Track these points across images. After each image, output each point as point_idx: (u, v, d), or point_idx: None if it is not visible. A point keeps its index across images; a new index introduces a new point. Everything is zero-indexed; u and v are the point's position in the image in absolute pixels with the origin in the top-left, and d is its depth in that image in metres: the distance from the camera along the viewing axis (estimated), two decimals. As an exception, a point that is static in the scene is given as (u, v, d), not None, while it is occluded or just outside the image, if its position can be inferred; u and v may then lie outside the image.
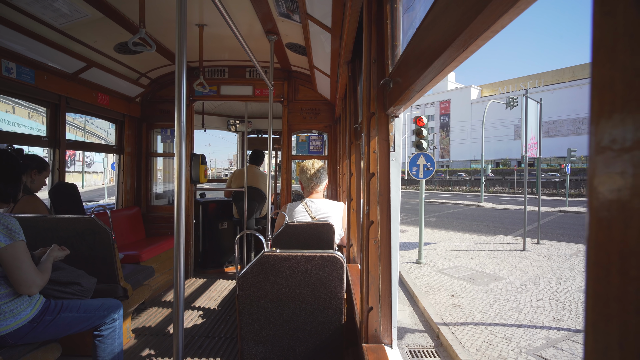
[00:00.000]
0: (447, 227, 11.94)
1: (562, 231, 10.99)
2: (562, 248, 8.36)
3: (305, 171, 2.53)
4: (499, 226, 12.10)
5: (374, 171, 1.20)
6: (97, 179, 35.21)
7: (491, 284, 5.60)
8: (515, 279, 5.85)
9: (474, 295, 5.07)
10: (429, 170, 6.53)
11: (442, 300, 4.86)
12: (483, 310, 4.51)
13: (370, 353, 1.17)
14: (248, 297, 1.46)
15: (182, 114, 0.97)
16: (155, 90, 4.30)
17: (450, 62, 0.60)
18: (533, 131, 8.69)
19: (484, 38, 0.50)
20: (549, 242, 9.00)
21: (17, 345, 1.69)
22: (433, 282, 5.69)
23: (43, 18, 2.48)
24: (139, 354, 2.57)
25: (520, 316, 4.32)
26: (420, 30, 0.75)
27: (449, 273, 6.21)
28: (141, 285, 2.88)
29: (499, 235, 10.21)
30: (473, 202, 21.79)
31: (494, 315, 4.35)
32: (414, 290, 5.26)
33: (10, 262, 1.55)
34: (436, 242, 9.10)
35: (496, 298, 4.96)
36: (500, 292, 5.19)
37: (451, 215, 15.41)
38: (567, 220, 13.84)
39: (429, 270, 6.45)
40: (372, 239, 1.21)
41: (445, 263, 6.92)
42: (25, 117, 18.90)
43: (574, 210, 16.96)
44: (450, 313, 4.42)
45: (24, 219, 2.16)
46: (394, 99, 1.04)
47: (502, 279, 5.86)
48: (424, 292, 5.18)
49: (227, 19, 1.48)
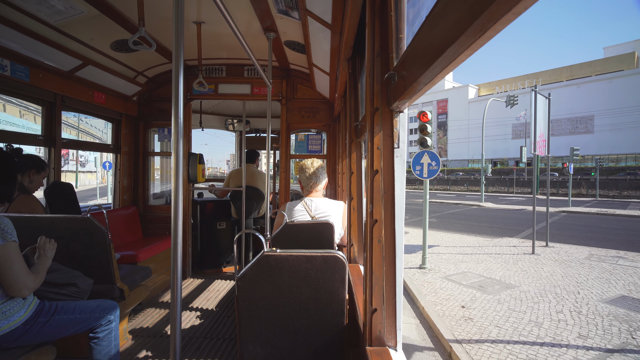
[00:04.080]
0: (449, 228, 11.67)
1: (569, 233, 10.71)
2: (573, 251, 8.00)
3: (305, 170, 2.50)
4: (502, 227, 11.86)
5: (377, 168, 1.17)
6: (92, 179, 34.93)
7: (503, 292, 5.24)
8: (528, 286, 5.48)
9: (486, 306, 4.69)
10: (434, 169, 6.13)
11: (452, 312, 4.50)
12: (499, 325, 4.10)
13: (374, 356, 1.14)
14: (247, 298, 1.43)
15: (179, 113, 0.94)
16: (152, 89, 4.25)
17: (463, 51, 0.57)
18: (542, 128, 8.20)
19: (501, 24, 0.47)
20: (557, 245, 8.64)
21: (10, 348, 1.65)
22: (440, 291, 5.33)
23: (38, 15, 2.43)
24: (136, 355, 2.53)
25: (541, 332, 3.93)
26: (429, 20, 0.72)
27: (456, 280, 5.83)
28: (138, 285, 2.83)
29: (504, 237, 9.89)
30: (473, 202, 21.65)
31: (512, 331, 3.94)
32: (420, 300, 4.88)
33: (1, 263, 1.51)
34: (439, 245, 8.77)
35: (511, 309, 4.56)
36: (515, 302, 4.80)
37: (452, 216, 15.23)
38: (572, 221, 13.56)
39: (435, 276, 6.07)
40: (376, 238, 1.18)
41: (451, 268, 6.57)
42: (17, 116, 18.65)
43: (578, 211, 16.71)
44: (462, 327, 4.05)
45: (19, 218, 2.12)
46: (399, 93, 1.01)
47: (514, 286, 5.48)
48: (431, 303, 4.82)
49: (226, 16, 1.45)
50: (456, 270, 6.46)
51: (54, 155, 3.13)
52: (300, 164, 2.55)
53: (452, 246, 8.66)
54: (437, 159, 6.16)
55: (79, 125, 29.91)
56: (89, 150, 7.20)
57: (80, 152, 29.73)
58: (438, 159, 6.18)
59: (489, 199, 23.95)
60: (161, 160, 4.95)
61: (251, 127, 6.32)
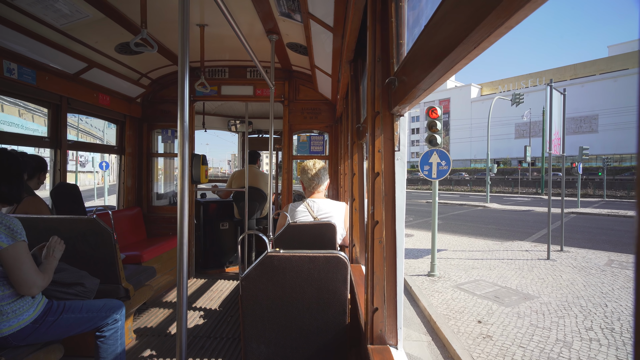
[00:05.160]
0: (455, 230, 11.27)
1: (582, 236, 10.28)
2: (591, 257, 7.53)
3: (307, 171, 2.52)
4: (511, 230, 11.45)
5: (378, 171, 1.19)
6: (91, 179, 35.01)
7: (522, 304, 4.78)
8: (548, 297, 5.03)
9: (505, 321, 4.24)
10: (444, 170, 5.70)
11: (468, 328, 4.06)
12: (522, 345, 3.67)
13: (375, 354, 1.16)
14: (251, 298, 1.45)
15: (184, 115, 0.97)
16: (156, 91, 4.30)
17: (461, 60, 0.59)
18: (557, 126, 7.74)
19: (497, 34, 0.49)
20: (572, 249, 8.17)
21: (20, 346, 1.69)
22: (452, 302, 4.91)
23: (44, 19, 2.47)
24: (141, 354, 2.57)
25: (572, 354, 3.48)
26: (428, 28, 0.74)
27: (469, 289, 5.42)
28: (143, 285, 2.87)
29: (514, 241, 9.44)
30: (478, 202, 21.16)
31: (538, 353, 3.50)
32: (431, 313, 4.45)
33: (11, 263, 1.55)
34: (447, 249, 8.36)
35: (534, 325, 4.11)
36: (537, 317, 4.35)
37: (457, 218, 14.77)
38: (583, 223, 13.05)
39: (445, 285, 5.63)
40: (377, 239, 1.20)
41: (462, 276, 6.11)
42: (16, 115, 18.52)
43: (588, 212, 16.17)
44: (480, 347, 3.63)
45: (26, 219, 2.16)
46: (399, 98, 1.03)
47: (533, 297, 5.04)
48: (444, 317, 4.40)
49: (229, 18, 1.47)
50: (468, 278, 6.04)
51: (59, 157, 3.18)
52: (302, 165, 2.58)
53: (460, 250, 8.25)
54: (447, 158, 5.72)
55: (79, 125, 29.97)
56: (93, 151, 7.26)
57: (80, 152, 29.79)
58: (448, 158, 5.73)
59: (493, 199, 23.52)
60: (164, 162, 5.00)
61: (254, 128, 6.35)
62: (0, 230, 1.53)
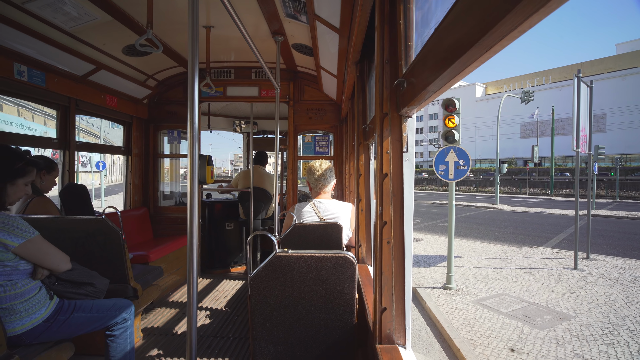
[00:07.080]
0: (466, 234, 10.44)
1: (605, 241, 9.52)
2: (623, 266, 6.72)
3: (313, 172, 2.53)
4: (526, 234, 10.68)
5: (387, 172, 1.20)
6: (92, 179, 35.14)
7: (557, 326, 4.10)
8: (587, 317, 4.31)
9: (542, 349, 3.55)
10: (462, 170, 5.12)
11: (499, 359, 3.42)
12: None
13: (384, 354, 1.17)
14: (260, 298, 1.47)
15: (194, 116, 0.98)
16: (162, 92, 4.34)
17: (472, 63, 0.59)
18: (584, 122, 7.09)
19: (509, 38, 0.49)
20: (600, 257, 7.39)
21: (33, 344, 1.72)
22: (475, 323, 4.19)
23: (54, 22, 2.51)
24: (149, 353, 2.59)
25: None
26: (439, 30, 0.74)
27: (492, 306, 4.69)
28: (150, 285, 2.90)
29: (533, 247, 8.64)
30: (486, 203, 20.36)
31: None
32: (453, 338, 3.73)
33: (37, 256, 1.66)
34: (460, 256, 7.59)
35: (579, 357, 3.41)
36: (580, 344, 3.63)
37: (467, 220, 13.88)
38: (602, 226, 12.14)
39: (464, 300, 4.90)
40: (386, 239, 1.20)
41: (483, 289, 5.39)
42: (15, 114, 18.45)
43: (605, 214, 15.18)
44: None
45: (36, 219, 2.19)
46: (408, 99, 1.04)
47: (569, 317, 4.33)
48: (468, 342, 3.71)
49: (235, 20, 1.48)
50: (489, 291, 5.32)
51: (68, 158, 3.22)
52: (308, 165, 2.58)
53: (475, 257, 7.49)
54: (466, 157, 5.11)
55: (79, 125, 30.12)
56: (101, 152, 7.33)
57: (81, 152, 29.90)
58: (467, 157, 5.13)
59: (502, 200, 22.60)
60: (170, 162, 5.04)
61: (259, 128, 6.38)
62: (6, 230, 1.55)
